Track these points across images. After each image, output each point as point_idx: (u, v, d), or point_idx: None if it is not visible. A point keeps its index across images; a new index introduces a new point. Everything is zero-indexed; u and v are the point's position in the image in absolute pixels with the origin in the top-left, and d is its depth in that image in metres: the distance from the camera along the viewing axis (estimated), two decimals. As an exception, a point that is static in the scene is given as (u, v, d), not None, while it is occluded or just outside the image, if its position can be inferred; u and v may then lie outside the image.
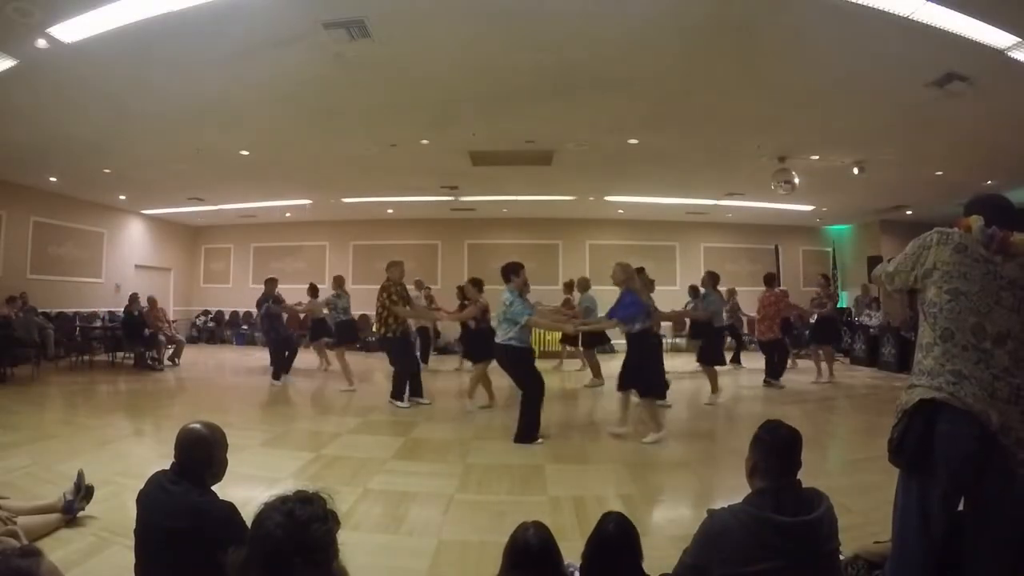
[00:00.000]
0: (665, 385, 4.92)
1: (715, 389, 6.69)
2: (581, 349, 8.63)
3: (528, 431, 4.74)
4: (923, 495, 1.63)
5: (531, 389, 4.85)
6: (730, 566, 1.54)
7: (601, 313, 7.14)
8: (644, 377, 4.93)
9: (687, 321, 9.43)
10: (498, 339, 4.98)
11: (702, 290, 7.49)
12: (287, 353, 8.01)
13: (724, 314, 9.45)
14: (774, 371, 7.86)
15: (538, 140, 7.27)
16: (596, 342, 8.17)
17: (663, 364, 5.09)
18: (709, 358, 6.92)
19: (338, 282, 8.31)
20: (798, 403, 6.75)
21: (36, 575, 1.22)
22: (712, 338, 7.11)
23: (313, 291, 9.24)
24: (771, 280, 8.20)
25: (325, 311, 8.45)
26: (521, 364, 4.91)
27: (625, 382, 5.02)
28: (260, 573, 1.22)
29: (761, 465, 1.69)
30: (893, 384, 7.84)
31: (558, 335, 10.19)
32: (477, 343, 6.62)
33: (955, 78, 4.95)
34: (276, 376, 7.77)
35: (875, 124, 6.36)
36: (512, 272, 4.96)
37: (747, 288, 11.38)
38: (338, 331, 8.15)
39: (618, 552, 1.71)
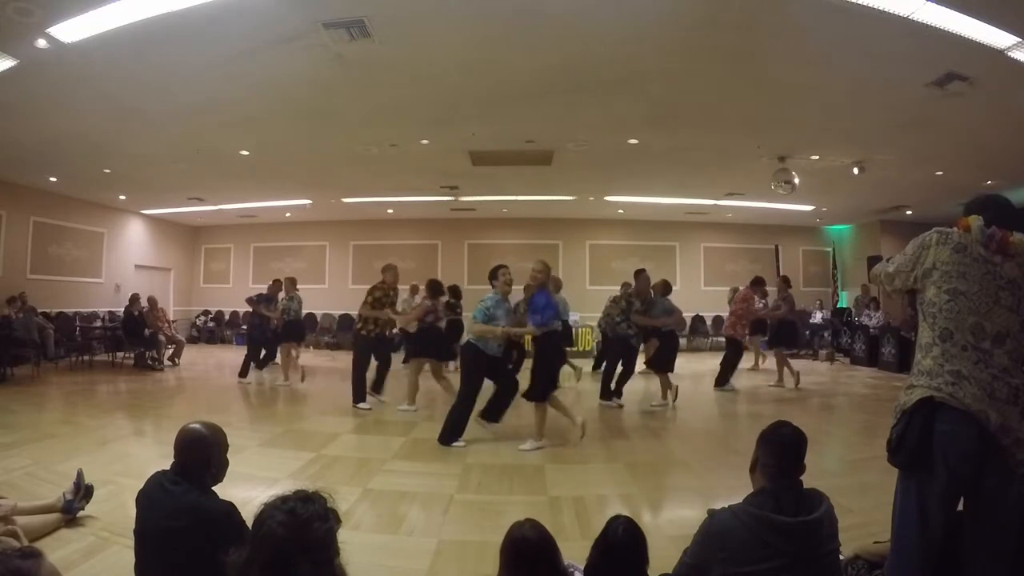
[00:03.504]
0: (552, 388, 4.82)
1: (664, 395, 6.50)
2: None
3: (445, 433, 4.70)
4: (922, 495, 1.63)
5: (462, 393, 4.78)
6: (731, 566, 1.54)
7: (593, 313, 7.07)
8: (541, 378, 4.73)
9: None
10: (467, 335, 4.96)
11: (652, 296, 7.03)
12: (264, 353, 8.13)
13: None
14: (722, 375, 7.62)
15: (538, 140, 7.27)
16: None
17: (555, 366, 4.96)
18: (659, 363, 6.72)
19: (292, 283, 8.31)
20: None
21: (36, 576, 1.23)
22: (664, 343, 6.81)
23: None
24: (756, 282, 8.15)
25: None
26: (467, 365, 4.84)
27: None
28: (262, 573, 1.22)
29: (763, 461, 1.70)
30: (893, 384, 7.84)
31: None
32: (419, 341, 6.54)
33: (955, 78, 4.95)
34: (243, 373, 7.91)
35: (875, 124, 6.36)
36: (492, 277, 4.94)
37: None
38: (286, 330, 8.09)
39: (625, 557, 1.70)
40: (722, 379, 7.61)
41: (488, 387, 4.96)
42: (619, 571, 1.70)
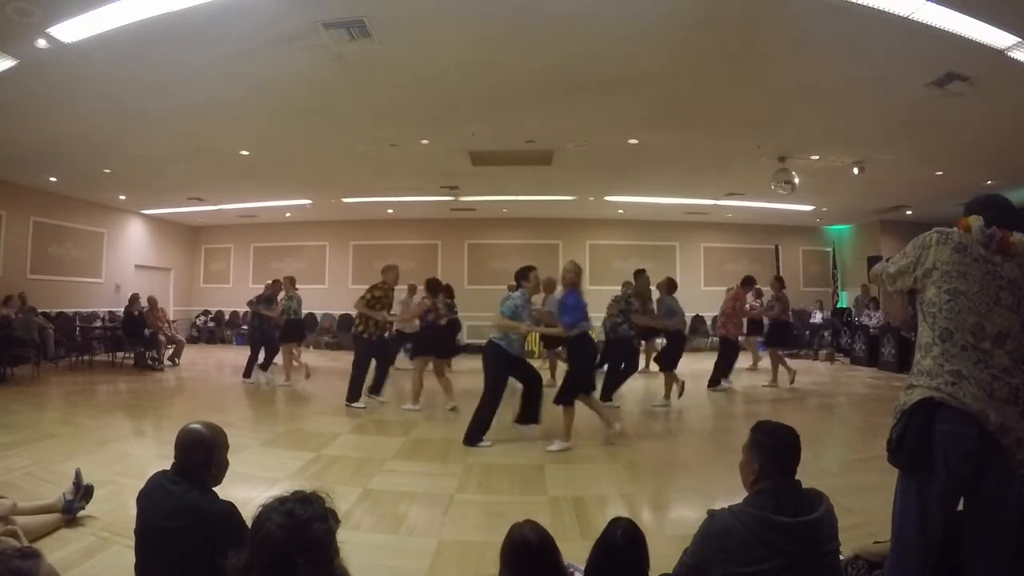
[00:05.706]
0: (589, 388, 4.83)
1: (668, 395, 6.53)
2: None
3: (472, 433, 4.69)
4: (922, 495, 1.63)
5: (487, 394, 4.77)
6: (731, 566, 1.54)
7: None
8: (571, 381, 4.76)
9: None
10: (490, 334, 4.96)
11: (656, 294, 7.07)
12: (265, 354, 8.07)
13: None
14: (716, 375, 7.59)
15: (538, 140, 7.27)
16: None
17: (589, 369, 4.95)
18: (665, 362, 6.69)
19: (291, 283, 8.28)
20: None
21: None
22: (671, 342, 6.80)
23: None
24: (746, 282, 8.12)
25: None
26: (491, 365, 4.82)
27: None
28: (263, 575, 1.22)
29: (764, 470, 1.67)
30: (893, 384, 7.83)
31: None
32: (422, 340, 6.60)
33: (955, 78, 4.95)
34: (248, 374, 7.91)
35: (875, 124, 6.36)
36: (522, 277, 4.93)
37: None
38: (286, 330, 8.08)
39: (625, 560, 1.70)
40: (714, 380, 7.58)
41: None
42: (619, 573, 1.70)
